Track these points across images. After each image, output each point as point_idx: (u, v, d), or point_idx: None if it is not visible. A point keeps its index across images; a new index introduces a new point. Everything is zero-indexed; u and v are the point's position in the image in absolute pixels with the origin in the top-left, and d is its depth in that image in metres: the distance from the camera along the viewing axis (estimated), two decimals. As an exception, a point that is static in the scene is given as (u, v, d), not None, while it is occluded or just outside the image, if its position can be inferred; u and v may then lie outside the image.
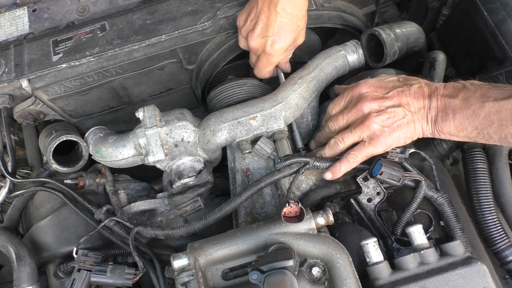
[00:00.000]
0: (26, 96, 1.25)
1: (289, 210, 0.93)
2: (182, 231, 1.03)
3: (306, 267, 0.88)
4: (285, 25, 1.10)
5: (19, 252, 1.07)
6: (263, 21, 1.10)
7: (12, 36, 1.32)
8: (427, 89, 0.94)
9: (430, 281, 0.83)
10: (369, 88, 1.00)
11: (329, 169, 1.02)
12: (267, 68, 1.20)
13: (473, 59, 1.22)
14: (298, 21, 1.11)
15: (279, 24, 1.09)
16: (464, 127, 0.88)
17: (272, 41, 1.11)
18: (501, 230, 1.01)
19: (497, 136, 0.84)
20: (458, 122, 0.89)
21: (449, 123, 0.90)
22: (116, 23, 1.25)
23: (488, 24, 1.14)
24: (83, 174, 1.20)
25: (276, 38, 1.11)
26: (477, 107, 0.85)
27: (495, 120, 0.83)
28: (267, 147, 1.08)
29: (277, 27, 1.09)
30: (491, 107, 0.83)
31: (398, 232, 1.03)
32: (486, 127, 0.85)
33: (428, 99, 0.93)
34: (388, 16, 1.50)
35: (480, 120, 0.85)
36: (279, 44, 1.12)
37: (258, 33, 1.12)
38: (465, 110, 0.87)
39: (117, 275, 1.03)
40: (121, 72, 1.24)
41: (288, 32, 1.11)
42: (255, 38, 1.13)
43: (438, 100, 0.92)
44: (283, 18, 1.09)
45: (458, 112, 0.88)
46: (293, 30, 1.12)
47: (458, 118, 0.88)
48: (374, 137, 0.96)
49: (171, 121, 1.12)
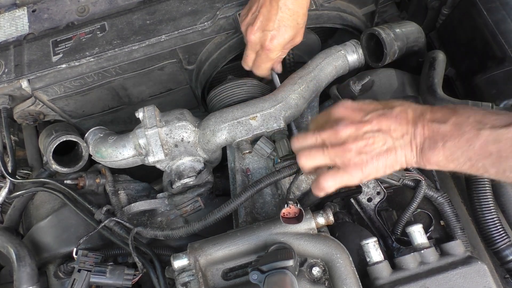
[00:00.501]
0: (26, 96, 1.25)
1: (288, 211, 0.93)
2: (182, 232, 1.03)
3: (306, 267, 0.88)
4: (286, 21, 1.09)
5: (19, 253, 1.07)
6: (264, 15, 1.09)
7: (12, 36, 1.32)
8: (411, 112, 0.81)
9: (430, 280, 0.84)
10: (346, 110, 0.86)
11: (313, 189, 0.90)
12: (266, 65, 1.19)
13: (473, 59, 1.22)
14: (298, 18, 1.11)
15: (279, 19, 1.08)
16: (455, 158, 0.75)
17: (272, 35, 1.11)
18: (501, 229, 1.01)
19: (494, 170, 0.73)
20: (449, 152, 0.75)
21: (438, 153, 0.77)
22: (115, 24, 1.25)
23: (488, 24, 1.14)
24: (83, 174, 1.20)
25: (276, 33, 1.10)
26: (472, 135, 0.73)
27: (493, 151, 0.71)
28: (267, 147, 1.08)
29: (278, 22, 1.09)
30: (488, 135, 0.72)
31: (398, 231, 1.03)
32: (481, 159, 0.73)
33: (412, 124, 0.80)
34: (387, 16, 1.50)
35: (475, 150, 0.73)
36: (278, 39, 1.11)
37: (258, 27, 1.11)
38: (457, 138, 0.74)
39: (116, 275, 1.03)
40: (121, 73, 1.24)
41: (288, 28, 1.10)
42: (255, 31, 1.12)
43: (425, 126, 0.78)
44: (284, 13, 1.08)
45: (450, 140, 0.75)
46: (293, 27, 1.11)
47: (449, 147, 0.75)
48: (349, 165, 0.82)
49: (171, 121, 1.12)
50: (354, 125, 0.82)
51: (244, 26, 1.15)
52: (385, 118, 0.81)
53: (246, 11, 1.15)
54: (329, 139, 0.85)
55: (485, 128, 0.72)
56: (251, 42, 1.15)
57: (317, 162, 0.87)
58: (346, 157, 0.82)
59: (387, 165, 0.82)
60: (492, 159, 0.72)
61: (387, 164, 0.82)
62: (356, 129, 0.82)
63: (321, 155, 0.86)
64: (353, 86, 1.20)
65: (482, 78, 1.13)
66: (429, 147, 0.78)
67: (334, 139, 0.84)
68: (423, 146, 0.79)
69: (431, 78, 1.15)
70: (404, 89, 1.21)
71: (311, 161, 0.87)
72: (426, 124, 0.79)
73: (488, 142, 0.72)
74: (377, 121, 0.81)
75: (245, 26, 1.15)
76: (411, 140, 0.80)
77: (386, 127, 0.81)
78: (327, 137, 0.85)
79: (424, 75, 1.17)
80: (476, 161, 0.74)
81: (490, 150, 0.72)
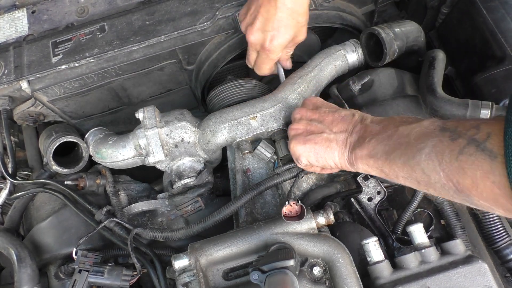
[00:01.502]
0: (26, 97, 1.25)
1: (290, 209, 0.93)
2: (181, 233, 1.03)
3: (307, 267, 0.88)
4: (285, 20, 1.08)
5: (20, 254, 1.07)
6: (263, 15, 1.08)
7: (12, 37, 1.32)
8: (358, 117, 0.91)
9: (431, 280, 0.84)
10: (311, 101, 1.02)
11: None
12: (266, 65, 1.19)
13: (472, 58, 1.22)
14: (299, 17, 1.10)
15: (279, 19, 1.07)
16: (375, 152, 0.82)
17: (272, 36, 1.10)
18: (501, 228, 1.01)
19: (401, 160, 0.76)
20: (372, 146, 0.83)
21: (363, 148, 0.84)
22: (115, 24, 1.25)
23: (487, 23, 1.14)
24: (84, 175, 1.20)
25: (275, 33, 1.09)
26: (392, 131, 0.80)
27: (403, 142, 0.77)
28: (267, 152, 1.08)
29: (277, 22, 1.08)
30: (403, 130, 0.78)
31: (399, 231, 1.03)
32: (393, 150, 0.78)
33: (353, 125, 0.90)
34: (387, 15, 1.50)
35: (391, 143, 0.79)
36: (278, 39, 1.10)
37: (258, 28, 1.10)
38: (381, 134, 0.82)
39: (114, 276, 1.03)
40: (121, 73, 1.24)
41: (288, 28, 1.09)
42: (254, 32, 1.11)
43: (362, 127, 0.88)
44: (283, 13, 1.07)
45: (375, 137, 0.83)
46: (293, 26, 1.10)
47: (372, 143, 0.83)
48: (290, 141, 0.98)
49: (171, 122, 1.12)
50: (306, 112, 0.98)
51: (244, 27, 1.15)
52: (332, 115, 0.94)
53: (245, 11, 1.14)
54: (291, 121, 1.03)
55: (403, 125, 0.80)
56: (251, 43, 1.14)
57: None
58: (291, 135, 0.98)
59: (319, 154, 0.92)
60: (401, 150, 0.77)
61: (319, 154, 0.92)
62: (305, 115, 0.98)
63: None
64: (353, 86, 1.20)
65: (481, 77, 1.13)
66: (358, 143, 0.86)
67: (291, 120, 1.02)
68: (355, 143, 0.87)
69: (430, 77, 1.15)
70: (404, 88, 1.21)
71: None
72: (363, 126, 0.88)
73: (402, 135, 0.78)
74: (324, 115, 0.95)
75: (244, 27, 1.14)
76: (347, 137, 0.89)
77: (329, 121, 0.93)
78: (292, 120, 1.02)
79: (423, 74, 1.17)
80: (389, 154, 0.79)
81: (401, 141, 0.78)
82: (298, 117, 0.99)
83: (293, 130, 0.98)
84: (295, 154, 0.96)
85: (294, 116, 1.00)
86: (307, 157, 0.94)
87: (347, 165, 0.90)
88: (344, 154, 0.89)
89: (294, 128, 0.98)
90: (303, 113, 0.98)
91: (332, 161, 0.91)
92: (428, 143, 0.71)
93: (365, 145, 0.84)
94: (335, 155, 0.90)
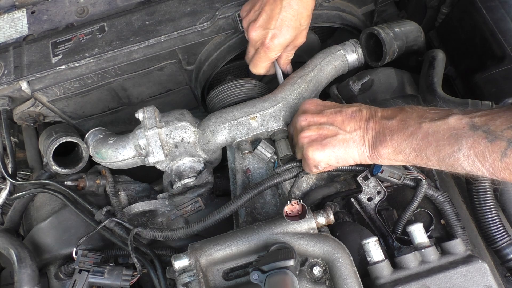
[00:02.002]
0: (26, 98, 1.25)
1: (291, 209, 0.93)
2: (181, 233, 1.03)
3: (307, 267, 0.88)
4: (288, 21, 1.09)
5: (20, 254, 1.07)
6: (267, 13, 1.09)
7: (11, 38, 1.32)
8: (366, 112, 0.91)
9: (431, 279, 0.84)
10: (311, 104, 1.00)
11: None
12: (263, 63, 1.18)
13: (472, 57, 1.22)
14: (302, 19, 1.10)
15: (282, 18, 1.08)
16: (402, 149, 0.84)
17: (273, 34, 1.10)
18: (501, 228, 1.01)
19: (435, 158, 0.80)
20: (396, 144, 0.84)
21: (387, 145, 0.85)
22: (115, 24, 1.25)
23: (487, 22, 1.14)
24: (84, 175, 1.20)
25: (277, 32, 1.10)
26: (415, 128, 0.82)
27: (432, 141, 0.79)
28: (267, 152, 1.08)
29: (280, 21, 1.08)
30: (428, 127, 0.80)
31: (399, 231, 1.03)
32: (424, 148, 0.81)
33: (365, 121, 0.90)
34: (387, 15, 1.50)
35: (417, 141, 0.81)
36: (279, 38, 1.11)
37: (260, 25, 1.10)
38: (402, 131, 0.83)
39: (114, 276, 1.03)
40: (121, 73, 1.24)
41: (290, 28, 1.10)
42: (256, 29, 1.11)
43: (376, 123, 0.88)
44: (287, 13, 1.08)
45: (396, 134, 0.84)
46: (295, 28, 1.10)
47: (396, 139, 0.84)
48: (305, 151, 0.95)
49: (170, 122, 1.12)
50: (312, 116, 0.96)
51: (246, 23, 1.15)
52: (340, 114, 0.93)
53: (249, 7, 1.15)
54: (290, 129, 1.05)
55: (425, 122, 0.81)
56: (251, 39, 1.14)
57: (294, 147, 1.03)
58: (303, 143, 0.95)
59: (339, 156, 0.92)
60: (432, 149, 0.80)
61: (338, 155, 0.92)
62: (313, 120, 0.95)
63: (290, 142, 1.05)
64: (353, 86, 1.20)
65: (481, 76, 1.13)
66: (379, 140, 0.87)
67: (294, 129, 1.00)
68: (374, 140, 0.88)
69: (430, 77, 1.15)
70: (404, 88, 1.21)
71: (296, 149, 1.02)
72: (377, 121, 0.88)
73: (428, 133, 0.80)
74: (333, 116, 0.94)
75: (247, 23, 1.14)
76: (363, 135, 0.89)
77: (340, 121, 0.92)
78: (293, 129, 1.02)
79: (423, 74, 1.17)
80: (420, 151, 0.82)
81: (429, 140, 0.80)
82: (305, 124, 0.96)
83: (305, 138, 0.95)
84: (315, 161, 0.94)
85: (301, 124, 0.97)
86: (328, 161, 0.93)
87: (368, 160, 0.92)
88: (364, 151, 0.90)
89: (306, 136, 0.95)
90: (310, 119, 0.96)
91: (352, 159, 0.93)
92: (463, 144, 0.75)
93: (388, 142, 0.85)
94: (354, 153, 0.91)
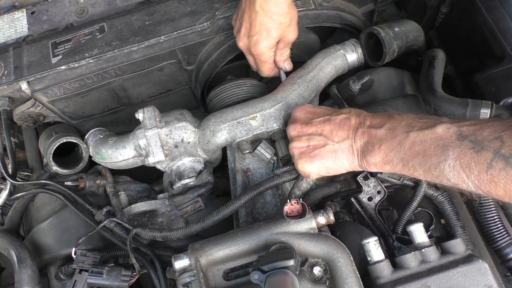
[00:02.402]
0: (26, 98, 1.25)
1: (291, 208, 0.93)
2: (180, 233, 1.03)
3: (307, 267, 0.88)
4: (266, 24, 1.08)
5: (20, 255, 1.07)
6: (246, 21, 1.09)
7: (11, 38, 1.32)
8: (354, 120, 0.89)
9: (431, 279, 0.84)
10: (301, 112, 0.98)
11: None
12: (262, 67, 1.19)
13: (472, 57, 1.22)
14: (281, 18, 1.08)
15: (260, 23, 1.08)
16: (389, 159, 0.82)
17: (255, 41, 1.10)
18: (501, 227, 1.01)
19: (422, 169, 0.78)
20: (384, 153, 0.82)
21: (375, 155, 0.84)
22: (115, 25, 1.25)
23: (487, 22, 1.14)
24: (84, 175, 1.20)
25: (258, 37, 1.10)
26: (402, 137, 0.80)
27: (419, 150, 0.77)
28: (267, 153, 1.08)
29: (258, 26, 1.08)
30: (415, 137, 0.78)
31: (399, 230, 1.03)
32: (411, 159, 0.78)
33: (353, 130, 0.88)
34: (386, 15, 1.50)
35: (405, 151, 0.79)
36: (262, 43, 1.11)
37: (244, 34, 1.12)
38: (390, 140, 0.81)
39: (113, 276, 1.03)
40: (121, 74, 1.24)
41: (271, 30, 1.09)
42: (241, 38, 1.13)
43: (364, 132, 0.86)
44: (263, 17, 1.07)
45: (384, 143, 0.82)
46: (277, 28, 1.09)
47: (384, 149, 0.82)
48: (296, 161, 0.95)
49: (170, 122, 1.12)
50: (302, 126, 0.95)
51: (235, 33, 1.16)
52: (329, 123, 0.91)
53: (235, 16, 1.16)
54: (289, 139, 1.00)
55: (413, 131, 0.79)
56: (241, 49, 1.16)
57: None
58: (294, 154, 0.95)
59: (329, 166, 0.91)
60: (419, 159, 0.77)
61: (328, 166, 0.91)
62: (302, 130, 0.94)
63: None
64: (353, 85, 1.20)
65: (481, 76, 1.13)
66: (367, 150, 0.85)
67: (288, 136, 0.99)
68: (363, 149, 0.86)
69: (430, 77, 1.15)
70: (404, 88, 1.21)
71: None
72: (365, 130, 0.86)
73: (415, 142, 0.78)
74: (321, 125, 0.92)
75: (235, 33, 1.16)
76: (352, 144, 0.88)
77: (328, 131, 0.91)
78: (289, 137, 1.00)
79: (423, 74, 1.17)
80: (407, 162, 0.79)
81: (417, 150, 0.78)
82: (295, 135, 0.96)
83: (295, 149, 0.95)
84: (305, 172, 0.94)
85: (291, 134, 0.97)
86: (318, 172, 0.93)
87: (358, 168, 0.90)
88: (353, 160, 0.89)
89: (296, 147, 0.95)
90: (299, 129, 0.95)
91: (342, 168, 0.92)
92: (450, 154, 0.73)
93: (376, 152, 0.83)
94: (344, 163, 0.90)
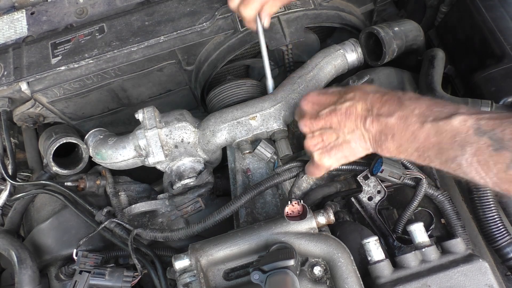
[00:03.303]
0: (26, 99, 1.25)
1: (292, 209, 0.93)
2: (181, 233, 1.03)
3: (307, 267, 0.88)
4: None
5: (21, 255, 1.07)
6: None
7: (11, 39, 1.32)
8: (360, 106, 0.85)
9: (431, 279, 0.84)
10: (307, 105, 0.95)
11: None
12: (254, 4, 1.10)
13: (472, 56, 1.22)
14: None
15: None
16: (404, 149, 0.80)
17: None
18: (502, 227, 1.01)
19: (438, 160, 0.76)
20: (398, 143, 0.80)
21: (389, 144, 0.82)
22: (114, 25, 1.25)
23: (487, 21, 1.14)
24: (84, 176, 1.20)
25: None
26: (416, 128, 0.77)
27: (435, 143, 0.75)
28: (267, 152, 1.08)
29: None
30: (430, 128, 0.75)
31: (399, 230, 1.03)
32: (426, 150, 0.76)
33: (362, 119, 0.85)
34: (386, 15, 1.51)
35: (420, 142, 0.77)
36: None
37: None
38: (403, 131, 0.78)
39: (115, 278, 1.03)
40: (120, 74, 1.24)
41: None
42: None
43: (374, 121, 0.83)
44: None
45: (397, 134, 0.79)
46: None
47: (397, 140, 0.80)
48: (315, 159, 0.93)
49: (170, 122, 1.12)
50: (311, 121, 0.92)
51: None
52: (335, 114, 0.88)
53: None
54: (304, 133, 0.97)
55: (427, 121, 0.76)
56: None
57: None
58: (310, 150, 0.93)
59: (346, 156, 0.89)
60: (434, 151, 0.75)
61: (345, 155, 0.89)
62: (313, 126, 0.92)
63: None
64: (353, 85, 1.20)
65: (481, 75, 1.13)
66: (380, 140, 0.83)
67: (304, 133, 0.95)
68: (376, 139, 0.84)
69: (430, 76, 1.15)
70: (403, 87, 1.21)
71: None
72: (375, 118, 0.83)
73: (430, 134, 0.75)
74: (329, 118, 0.89)
75: None
76: (362, 134, 0.85)
77: (336, 124, 0.88)
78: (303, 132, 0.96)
79: (423, 73, 1.17)
80: (422, 152, 0.77)
81: (432, 142, 0.75)
82: (307, 131, 0.93)
83: (311, 146, 0.92)
84: (325, 166, 0.93)
85: (303, 130, 0.95)
86: (338, 162, 0.92)
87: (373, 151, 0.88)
88: (368, 147, 0.87)
89: (312, 145, 0.92)
90: (309, 125, 0.93)
91: (360, 154, 0.89)
92: (467, 150, 0.71)
93: (389, 142, 0.81)
94: (359, 150, 0.88)
